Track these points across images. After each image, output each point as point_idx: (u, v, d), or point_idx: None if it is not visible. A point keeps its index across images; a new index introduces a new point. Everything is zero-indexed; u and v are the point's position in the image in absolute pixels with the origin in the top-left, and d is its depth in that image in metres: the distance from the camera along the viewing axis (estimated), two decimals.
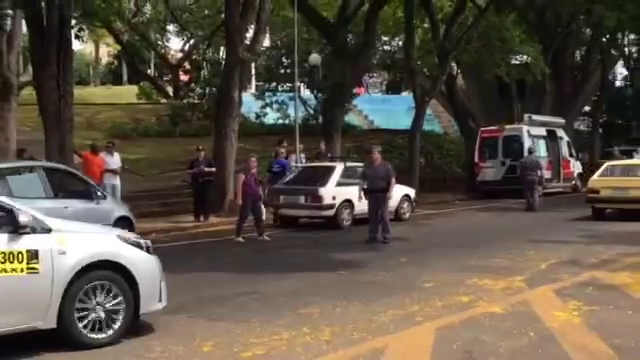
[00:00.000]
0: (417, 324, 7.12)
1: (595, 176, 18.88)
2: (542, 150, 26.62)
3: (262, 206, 15.50)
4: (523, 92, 34.01)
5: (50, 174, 13.01)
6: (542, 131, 27.44)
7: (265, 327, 7.03)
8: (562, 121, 29.98)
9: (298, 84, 26.71)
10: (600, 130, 40.36)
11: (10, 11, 21.24)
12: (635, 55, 41.25)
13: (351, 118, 34.72)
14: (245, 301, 8.36)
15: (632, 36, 39.33)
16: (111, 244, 6.83)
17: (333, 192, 16.88)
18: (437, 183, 28.88)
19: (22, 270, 5.95)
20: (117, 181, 17.60)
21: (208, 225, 17.72)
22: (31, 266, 5.99)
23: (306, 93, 32.95)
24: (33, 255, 6.01)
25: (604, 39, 35.04)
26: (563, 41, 33.06)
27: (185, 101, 35.71)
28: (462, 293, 8.60)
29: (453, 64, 30.12)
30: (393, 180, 14.62)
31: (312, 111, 32.12)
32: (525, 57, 30.74)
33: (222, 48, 33.50)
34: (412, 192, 19.36)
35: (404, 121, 31.19)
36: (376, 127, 38.80)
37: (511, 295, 8.52)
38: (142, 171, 22.60)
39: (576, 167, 29.26)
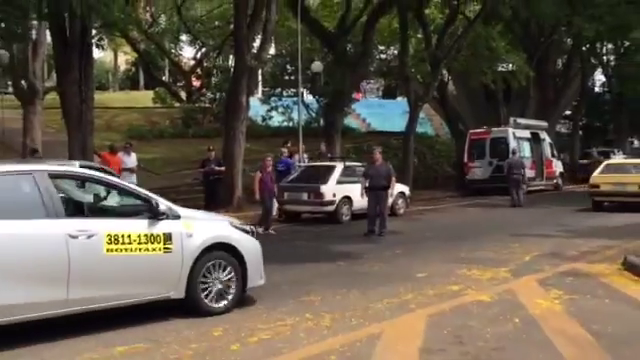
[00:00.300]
0: (410, 311, 7.13)
1: (596, 173, 19.57)
2: (526, 151, 26.64)
3: (275, 202, 15.62)
4: (509, 97, 34.02)
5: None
6: (526, 133, 27.45)
7: (270, 314, 7.05)
8: (545, 124, 29.96)
9: (301, 89, 26.68)
10: (580, 132, 40.33)
11: (35, 22, 21.24)
12: (613, 63, 41.16)
13: (350, 121, 34.71)
14: (251, 291, 8.36)
15: (610, 45, 39.27)
16: (225, 229, 7.56)
17: (333, 189, 16.93)
18: (429, 181, 28.89)
19: (160, 249, 6.75)
20: (134, 179, 17.60)
21: None
22: (166, 246, 6.78)
23: (309, 98, 32.87)
24: (168, 237, 6.80)
25: (584, 48, 35.03)
26: (546, 50, 33.04)
27: (197, 105, 35.68)
28: (452, 283, 8.60)
29: (444, 71, 30.11)
30: (393, 179, 14.65)
31: (314, 114, 32.06)
32: (510, 65, 30.75)
33: (231, 56, 33.54)
34: (406, 189, 19.38)
35: (399, 124, 31.15)
36: (373, 129, 38.78)
37: (497, 284, 8.52)
38: (157, 170, 22.63)
39: (558, 167, 29.27)
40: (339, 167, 17.84)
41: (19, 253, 5.89)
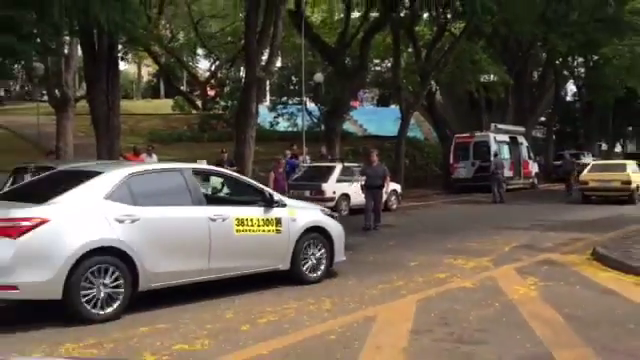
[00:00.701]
0: (402, 296, 7.14)
1: (585, 172, 21.05)
2: (506, 153, 26.60)
3: None
4: (490, 105, 34.00)
5: None
6: (506, 138, 27.43)
7: (277, 298, 7.06)
8: (522, 129, 29.94)
9: (305, 98, 26.70)
10: (553, 137, 40.28)
11: (68, 38, 21.26)
12: (583, 75, 41.14)
13: (348, 126, 34.64)
14: (260, 277, 8.36)
15: (580, 59, 39.25)
16: (318, 215, 8.44)
17: (333, 187, 16.97)
18: (419, 180, 28.85)
19: (273, 231, 7.64)
20: None
21: None
22: (277, 228, 7.67)
23: (311, 106, 32.84)
24: (278, 221, 7.68)
25: (557, 62, 34.99)
26: (523, 63, 32.99)
27: (212, 112, 35.65)
28: (439, 271, 8.62)
29: (432, 82, 30.07)
30: (388, 178, 14.62)
31: (316, 120, 32.05)
32: (492, 76, 30.74)
33: (242, 68, 33.52)
34: (399, 187, 19.40)
35: (392, 129, 31.09)
36: (369, 134, 38.68)
37: (480, 272, 8.53)
38: None
39: (534, 167, 29.24)
40: (338, 167, 17.88)
41: (175, 232, 6.83)
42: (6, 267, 5.71)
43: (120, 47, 19.53)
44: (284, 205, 7.86)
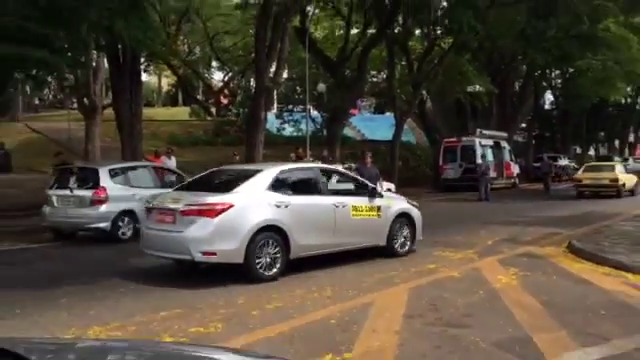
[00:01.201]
0: (395, 285, 7.14)
1: (579, 172, 22.66)
2: (490, 156, 26.57)
3: None
4: (475, 112, 33.95)
5: (157, 171, 13.23)
6: (490, 142, 27.39)
7: (283, 286, 7.06)
8: (505, 134, 29.88)
9: (308, 106, 26.69)
10: (533, 141, 40.23)
11: (95, 52, 21.31)
12: (559, 86, 41.10)
13: (347, 132, 34.62)
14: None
15: (557, 72, 39.22)
16: (404, 204, 9.61)
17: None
18: (411, 180, 28.73)
19: (376, 215, 8.86)
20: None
21: None
22: (378, 214, 8.91)
23: (314, 113, 32.85)
24: (379, 208, 8.94)
25: (536, 74, 34.97)
26: (506, 75, 32.95)
27: (225, 118, 35.74)
28: (429, 262, 8.61)
29: (424, 92, 30.05)
30: (381, 179, 14.47)
31: (319, 126, 32.06)
32: (477, 86, 30.70)
33: (252, 79, 33.54)
34: (393, 187, 19.27)
35: (387, 134, 31.06)
36: (366, 139, 38.66)
37: (466, 263, 8.53)
38: (192, 170, 22.59)
39: (515, 169, 29.19)
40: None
41: (313, 215, 8.02)
42: (209, 239, 7.05)
43: (142, 60, 19.54)
44: (382, 196, 9.18)
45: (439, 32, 27.64)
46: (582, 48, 27.30)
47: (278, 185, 7.85)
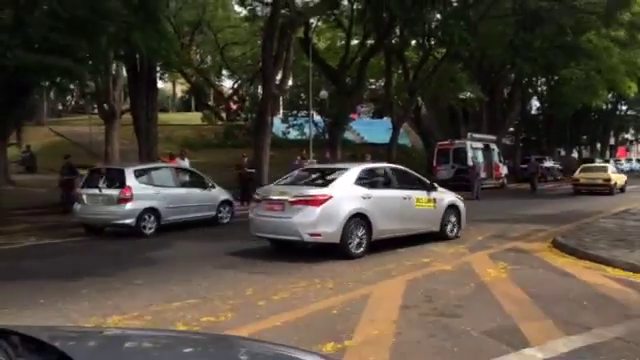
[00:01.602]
0: (393, 277, 7.13)
1: (577, 172, 23.93)
2: (480, 158, 26.48)
3: None
4: (467, 117, 33.92)
5: (178, 172, 13.34)
6: (480, 145, 27.29)
7: (288, 278, 7.05)
8: (494, 138, 29.76)
9: (312, 111, 26.69)
10: (520, 144, 40.16)
11: (114, 61, 21.36)
12: (545, 93, 41.03)
13: (348, 135, 34.61)
14: (274, 260, 8.38)
15: (543, 79, 39.17)
16: (453, 196, 10.66)
17: None
18: None
19: (432, 206, 9.94)
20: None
21: (249, 208, 17.68)
22: (434, 205, 9.98)
23: (317, 118, 32.85)
24: (434, 200, 10.00)
25: (523, 81, 34.91)
26: (495, 82, 32.92)
27: (234, 123, 35.77)
28: (424, 256, 8.60)
29: (419, 98, 30.05)
30: None
31: (321, 130, 32.05)
32: (468, 93, 30.68)
33: (259, 86, 33.57)
34: None
35: (385, 137, 31.05)
36: (365, 142, 38.64)
37: (458, 258, 8.51)
38: (204, 170, 22.57)
39: (504, 170, 29.06)
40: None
41: (388, 205, 9.09)
42: (314, 223, 8.16)
43: (158, 69, 19.56)
44: (436, 190, 10.17)
45: (433, 43, 27.61)
46: (566, 58, 27.30)
47: (361, 181, 9.04)
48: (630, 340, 4.55)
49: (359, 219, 8.51)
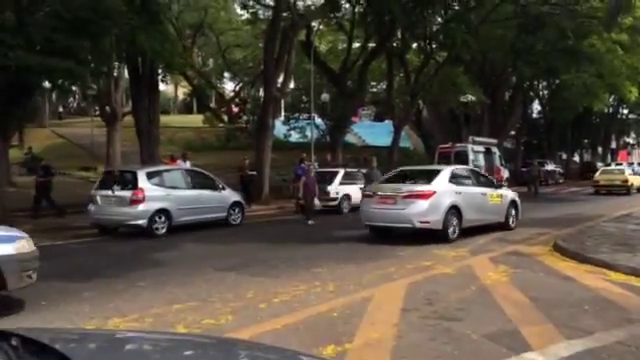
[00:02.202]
0: (393, 280, 7.12)
1: (597, 174, 26.56)
2: (481, 161, 26.43)
3: (315, 200, 14.87)
4: (468, 120, 33.84)
5: (189, 174, 13.43)
6: (481, 148, 27.19)
7: (289, 281, 7.05)
8: (495, 141, 29.61)
9: (313, 114, 26.67)
10: (521, 147, 40.13)
11: (116, 63, 21.40)
12: (546, 96, 41.01)
13: (349, 138, 34.60)
14: (275, 263, 8.39)
15: (544, 83, 39.16)
16: (513, 194, 12.52)
17: (337, 189, 16.90)
18: None
19: (499, 201, 11.92)
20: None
21: (250, 210, 17.69)
22: (501, 200, 11.98)
23: (319, 120, 32.78)
24: (501, 195, 12.02)
25: (525, 85, 34.90)
26: (496, 86, 32.90)
27: (236, 125, 35.77)
28: (425, 259, 8.59)
29: (420, 101, 30.06)
30: None
31: (323, 133, 32.04)
32: (470, 96, 30.65)
33: (261, 89, 33.58)
34: None
35: (386, 140, 30.99)
36: (366, 144, 38.63)
37: (459, 261, 8.51)
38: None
39: (505, 173, 28.95)
40: (341, 172, 17.80)
41: (473, 200, 11.09)
42: (425, 213, 10.14)
43: (160, 71, 19.58)
44: (502, 187, 12.72)
45: (434, 46, 27.62)
46: (567, 61, 27.28)
47: (453, 179, 10.98)
48: (631, 344, 4.54)
49: (454, 210, 10.48)
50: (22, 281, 5.59)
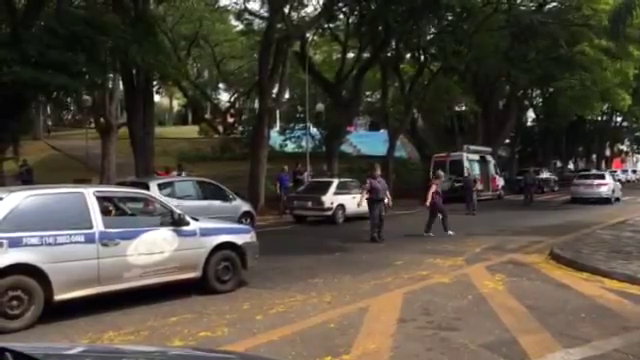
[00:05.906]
0: (390, 290, 7.11)
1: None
2: (476, 170, 26.52)
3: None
4: (462, 129, 34.03)
5: (200, 184, 13.68)
6: (476, 156, 27.36)
7: (285, 292, 7.03)
8: (490, 149, 29.86)
9: (308, 124, 26.74)
10: (516, 156, 40.32)
11: (111, 74, 21.39)
12: (540, 104, 41.28)
13: (345, 148, 34.66)
14: (271, 274, 8.35)
15: (538, 91, 39.42)
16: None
17: (331, 199, 16.78)
18: (404, 193, 28.74)
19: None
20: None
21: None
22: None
23: (314, 130, 32.87)
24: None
25: (519, 93, 35.12)
26: (490, 94, 33.09)
27: (231, 136, 35.79)
28: (421, 269, 8.58)
29: (414, 110, 30.16)
30: (388, 192, 13.61)
31: (318, 143, 32.09)
32: (464, 105, 30.82)
33: (256, 100, 33.66)
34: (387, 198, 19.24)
35: (381, 149, 31.08)
36: (362, 154, 38.68)
37: (455, 270, 8.49)
38: None
39: (500, 181, 29.12)
40: (335, 182, 17.73)
41: None
42: (608, 191, 20.30)
43: (154, 82, 19.61)
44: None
45: (428, 57, 27.81)
46: (560, 69, 27.48)
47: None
48: (628, 352, 4.54)
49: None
50: (253, 262, 7.50)
